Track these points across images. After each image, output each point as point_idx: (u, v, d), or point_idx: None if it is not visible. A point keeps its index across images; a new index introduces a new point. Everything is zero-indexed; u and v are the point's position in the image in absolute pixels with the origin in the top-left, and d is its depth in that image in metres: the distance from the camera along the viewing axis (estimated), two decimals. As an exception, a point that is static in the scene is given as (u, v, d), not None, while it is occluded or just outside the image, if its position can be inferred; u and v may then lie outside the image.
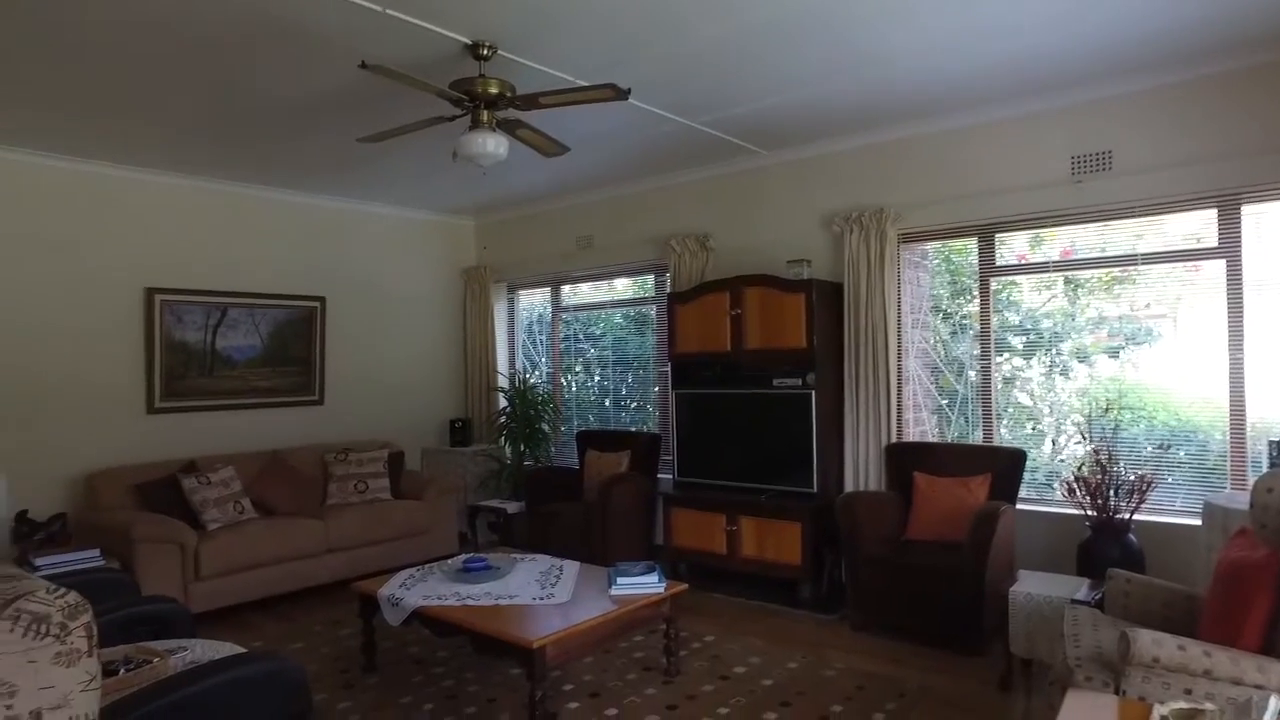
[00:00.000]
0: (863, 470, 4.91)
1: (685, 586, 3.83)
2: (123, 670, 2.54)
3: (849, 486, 4.94)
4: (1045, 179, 4.42)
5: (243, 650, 2.76)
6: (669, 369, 5.72)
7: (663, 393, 6.23)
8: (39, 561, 4.20)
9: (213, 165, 5.43)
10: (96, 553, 4.36)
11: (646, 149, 5.32)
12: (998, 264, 4.71)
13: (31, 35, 3.37)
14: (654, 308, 6.38)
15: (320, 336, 6.32)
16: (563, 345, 7.11)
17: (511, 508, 6.03)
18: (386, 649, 4.20)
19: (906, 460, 4.69)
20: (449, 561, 4.18)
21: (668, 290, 5.90)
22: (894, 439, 4.85)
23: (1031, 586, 3.53)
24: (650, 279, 6.42)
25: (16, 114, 4.29)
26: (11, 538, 4.65)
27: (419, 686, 3.76)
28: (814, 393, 4.84)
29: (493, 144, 3.58)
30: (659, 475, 5.86)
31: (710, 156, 5.52)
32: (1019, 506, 4.35)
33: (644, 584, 3.64)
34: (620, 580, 3.67)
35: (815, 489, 4.84)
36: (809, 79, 4.06)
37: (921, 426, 5.03)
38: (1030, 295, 4.80)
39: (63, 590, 1.48)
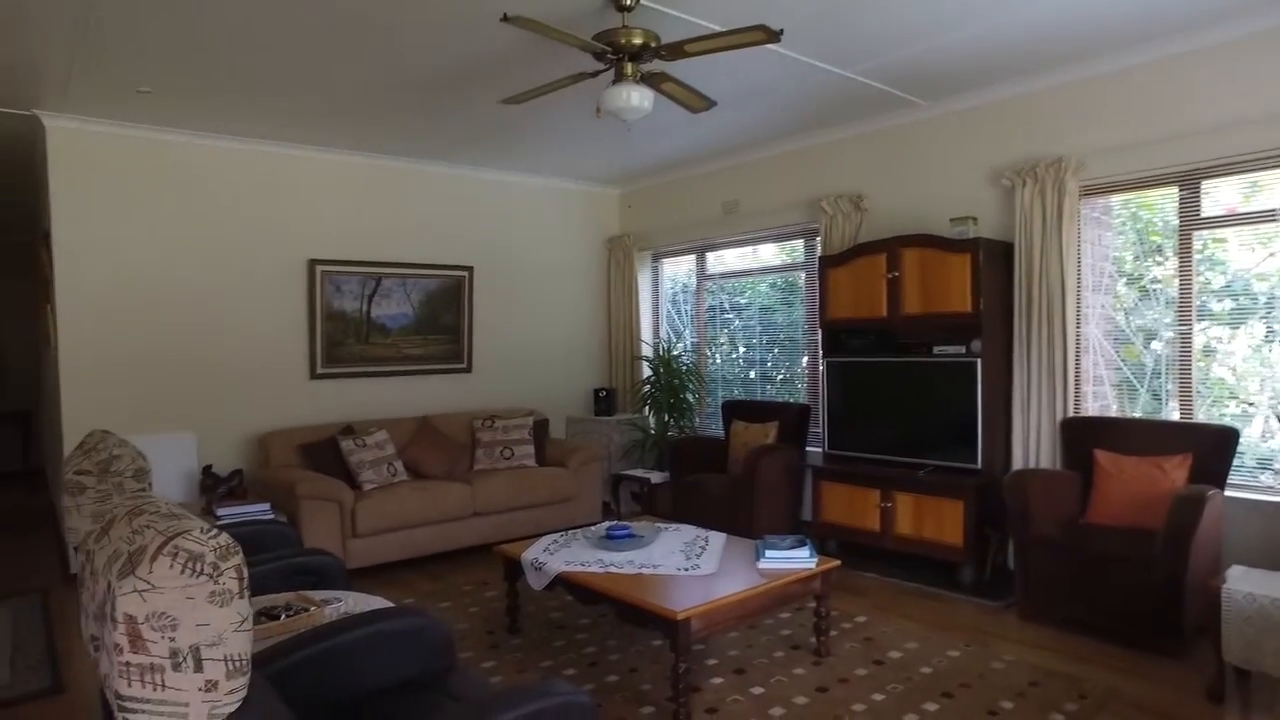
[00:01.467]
0: (1033, 446, 4.47)
1: (838, 563, 3.60)
2: (284, 616, 2.63)
3: (1017, 463, 4.52)
4: (1269, 111, 3.80)
5: (391, 605, 2.80)
6: (819, 337, 5.45)
7: (811, 362, 5.96)
8: (220, 511, 4.50)
9: (367, 140, 5.62)
10: (267, 506, 4.62)
11: (796, 106, 5.04)
12: (1202, 216, 4.13)
13: (205, 24, 3.54)
14: (803, 274, 6.09)
15: (468, 305, 6.46)
16: (707, 315, 6.94)
17: (655, 477, 5.96)
18: (530, 612, 4.23)
19: (1086, 436, 4.22)
20: (592, 528, 4.14)
21: (818, 254, 5.61)
22: (1070, 413, 4.38)
23: (1252, 585, 3.06)
24: (799, 244, 6.14)
25: (194, 100, 4.56)
26: (199, 489, 5.03)
27: (560, 651, 3.75)
28: (979, 361, 4.45)
29: (637, 97, 3.44)
30: (807, 448, 5.62)
31: (864, 111, 5.16)
32: (1227, 493, 3.82)
33: (794, 558, 3.45)
34: (769, 554, 3.49)
35: (979, 465, 4.46)
36: (976, 12, 3.67)
37: (1102, 401, 4.53)
38: (1240, 253, 4.18)
39: (215, 532, 1.47)
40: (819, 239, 5.68)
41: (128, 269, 5.11)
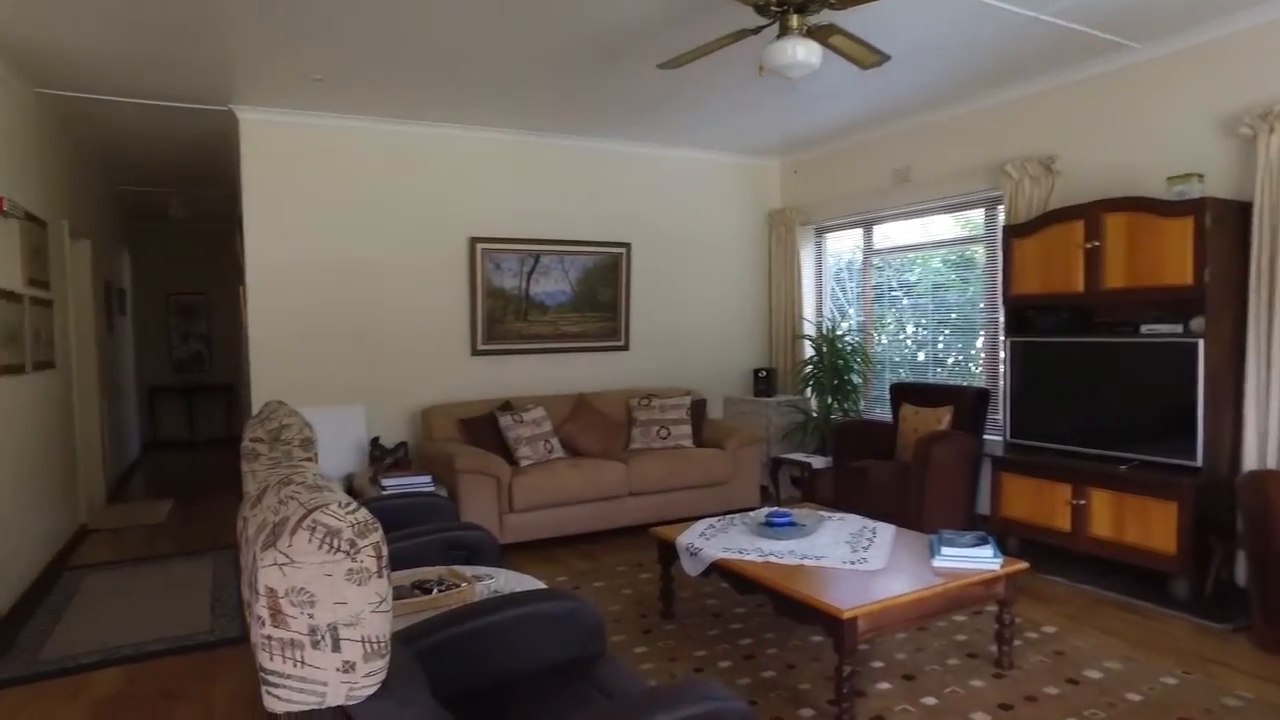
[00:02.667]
0: (1274, 442, 3.82)
1: (1026, 565, 3.21)
2: (435, 590, 2.62)
3: (1250, 462, 3.87)
4: None
5: (543, 586, 2.74)
6: (1000, 315, 4.95)
7: (990, 343, 5.44)
8: (385, 481, 4.67)
9: (526, 119, 5.64)
10: (429, 479, 4.76)
11: (979, 58, 4.56)
12: None
13: (373, 6, 3.62)
14: (981, 247, 5.57)
15: (626, 283, 6.39)
16: (874, 292, 6.53)
17: (817, 462, 5.67)
18: (684, 598, 4.10)
19: (1342, 433, 3.56)
20: (751, 514, 3.94)
21: (1000, 224, 5.09)
22: (1322, 404, 3.71)
23: None
24: (976, 214, 5.61)
25: (362, 85, 4.72)
26: (369, 459, 5.27)
27: (715, 641, 3.59)
28: (1201, 342, 3.85)
29: (803, 52, 3.17)
30: (985, 435, 5.14)
31: (1059, 60, 4.59)
32: None
33: (975, 558, 3.10)
34: (945, 551, 3.16)
35: (1199, 462, 3.87)
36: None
37: (1361, 391, 3.80)
38: None
39: (355, 506, 1.40)
40: (1001, 208, 5.16)
41: (306, 251, 5.41)
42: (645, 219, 6.53)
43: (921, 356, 6.16)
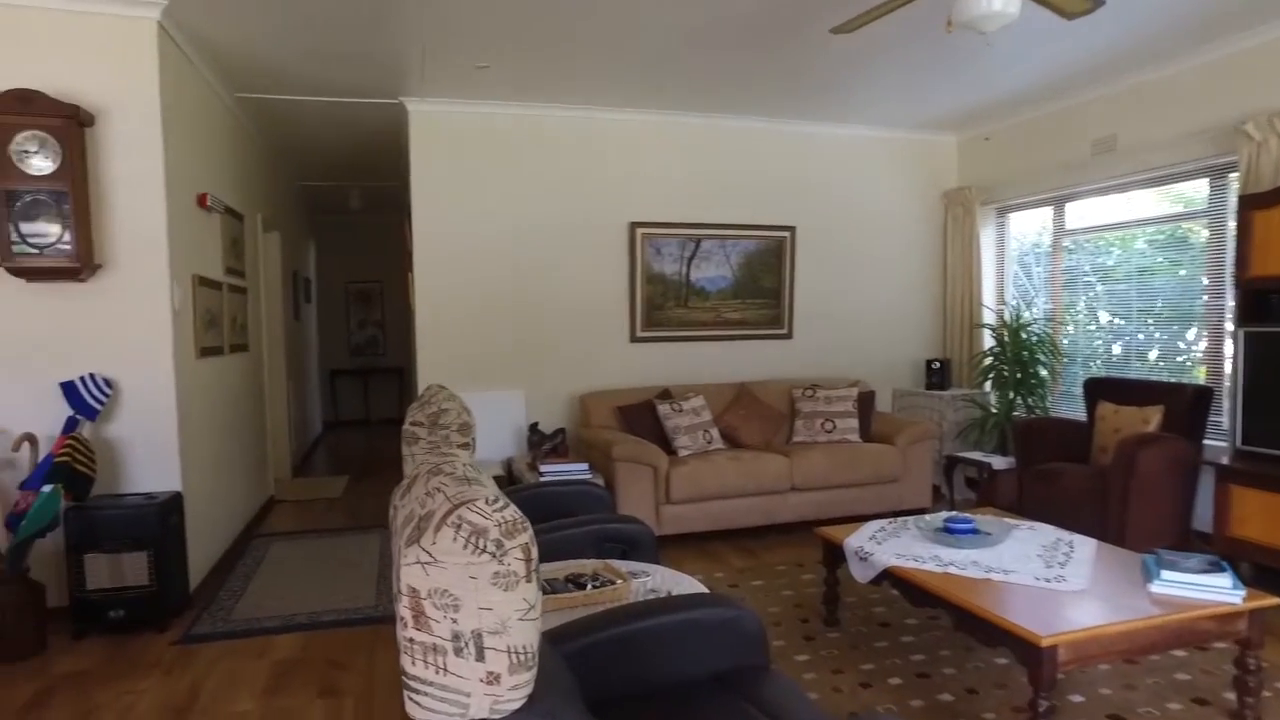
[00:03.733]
0: None
1: (1276, 601, 2.71)
2: (590, 586, 2.52)
3: None
4: None
5: (703, 591, 2.57)
6: (1229, 301, 4.29)
7: (1213, 334, 4.75)
8: (543, 467, 4.68)
9: (688, 99, 5.48)
10: (586, 467, 4.72)
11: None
12: None
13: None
14: (1202, 223, 4.86)
15: (790, 268, 6.11)
16: (1063, 276, 5.89)
17: (997, 463, 5.18)
18: (850, 603, 3.82)
19: None
20: (926, 518, 3.60)
21: (1231, 196, 4.40)
22: None
23: None
24: (1193, 186, 4.90)
25: (525, 71, 4.72)
26: (527, 444, 5.31)
27: (884, 654, 3.30)
28: None
29: (1000, 1, 2.80)
30: (1205, 440, 4.49)
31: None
32: None
33: (1207, 586, 2.64)
34: (1166, 575, 2.71)
35: None
36: None
37: None
38: None
39: (503, 503, 1.27)
40: (1234, 176, 4.46)
41: (470, 238, 5.52)
42: (811, 201, 6.20)
43: (1118, 349, 5.49)
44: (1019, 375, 5.56)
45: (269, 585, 4.33)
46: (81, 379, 3.75)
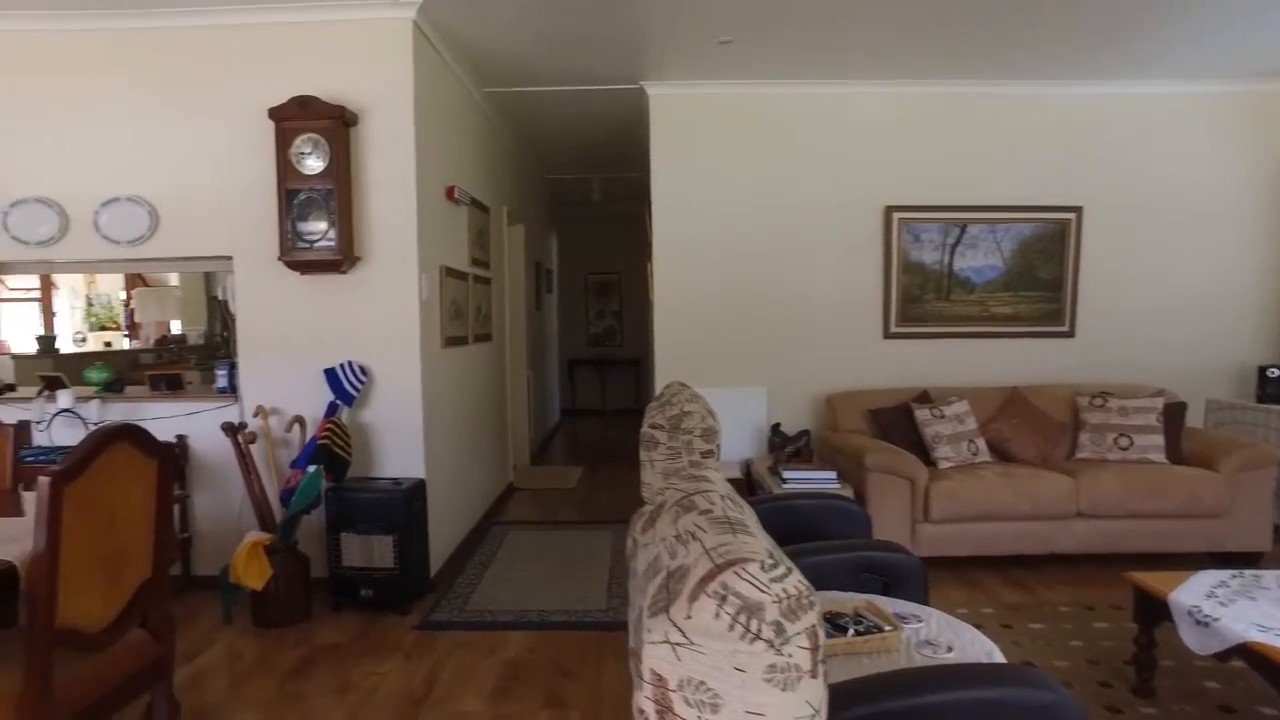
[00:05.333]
0: None
1: None
2: (851, 630, 2.11)
3: None
4: None
5: (990, 646, 2.07)
6: None
7: None
8: (786, 474, 4.29)
9: (949, 64, 4.82)
10: (833, 475, 4.26)
11: None
12: None
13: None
14: None
15: (1074, 254, 5.22)
16: None
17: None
18: (1168, 668, 3.06)
19: None
20: (1286, 573, 2.79)
21: None
22: None
23: None
24: None
25: (769, 44, 4.34)
26: (768, 446, 4.96)
27: (1228, 746, 2.57)
28: None
29: None
30: None
31: None
32: None
33: None
34: None
35: None
36: None
37: None
38: None
39: (782, 568, 0.92)
40: None
41: (711, 226, 5.24)
42: (1102, 175, 5.26)
43: None
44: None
45: (503, 576, 4.33)
46: (341, 366, 3.91)
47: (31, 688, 1.87)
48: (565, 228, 10.79)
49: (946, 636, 2.14)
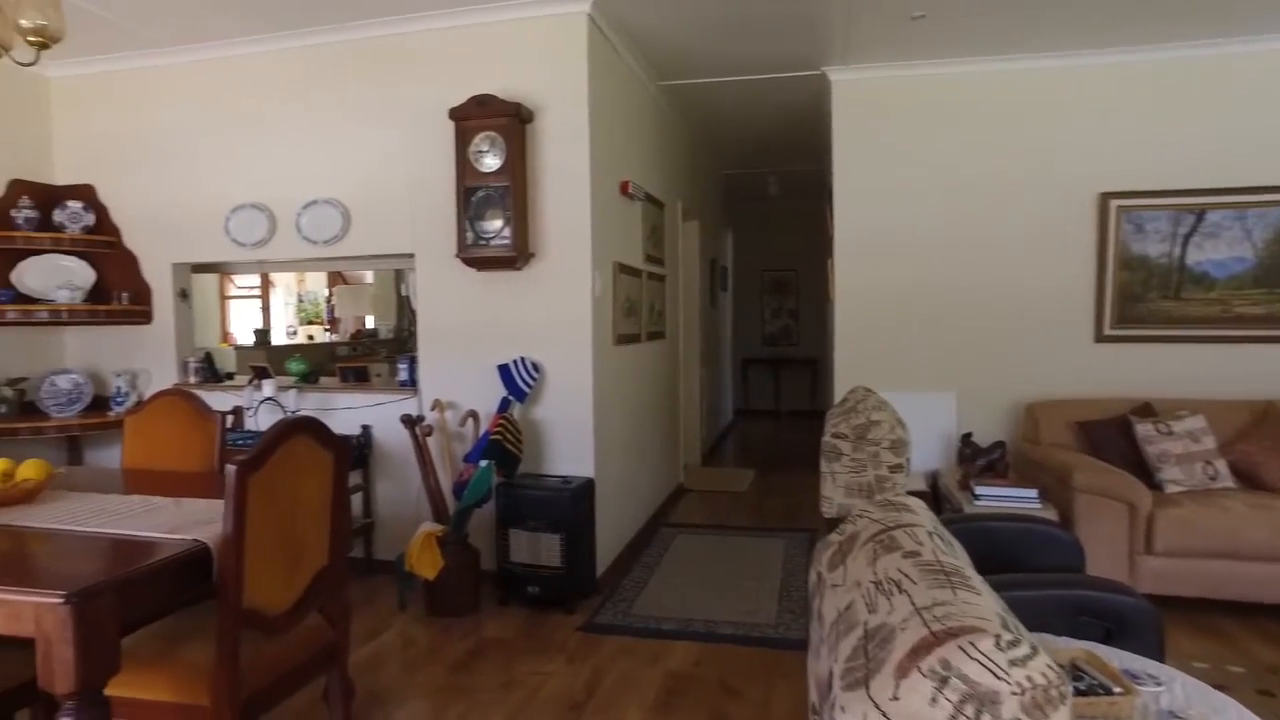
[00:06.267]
0: None
1: None
2: (1070, 688, 1.77)
3: None
4: None
5: (1261, 723, 1.68)
6: None
7: None
8: (978, 489, 3.88)
9: (1175, 23, 4.16)
10: (1034, 494, 3.80)
11: None
12: None
13: None
14: None
15: (1345, 246, 4.40)
16: None
17: None
18: None
19: None
20: None
21: None
22: None
23: None
24: None
25: (967, 14, 3.92)
26: (957, 457, 4.54)
27: None
28: None
29: None
30: None
31: None
32: None
33: None
34: None
35: None
36: None
37: None
38: None
39: (1025, 649, 0.70)
40: None
41: (896, 220, 4.87)
42: (1387, 150, 4.39)
43: None
44: None
45: (669, 581, 4.21)
46: (514, 362, 3.93)
47: (222, 661, 1.94)
48: (741, 224, 10.58)
49: (1199, 710, 1.76)
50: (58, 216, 4.50)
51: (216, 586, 1.96)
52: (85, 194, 4.62)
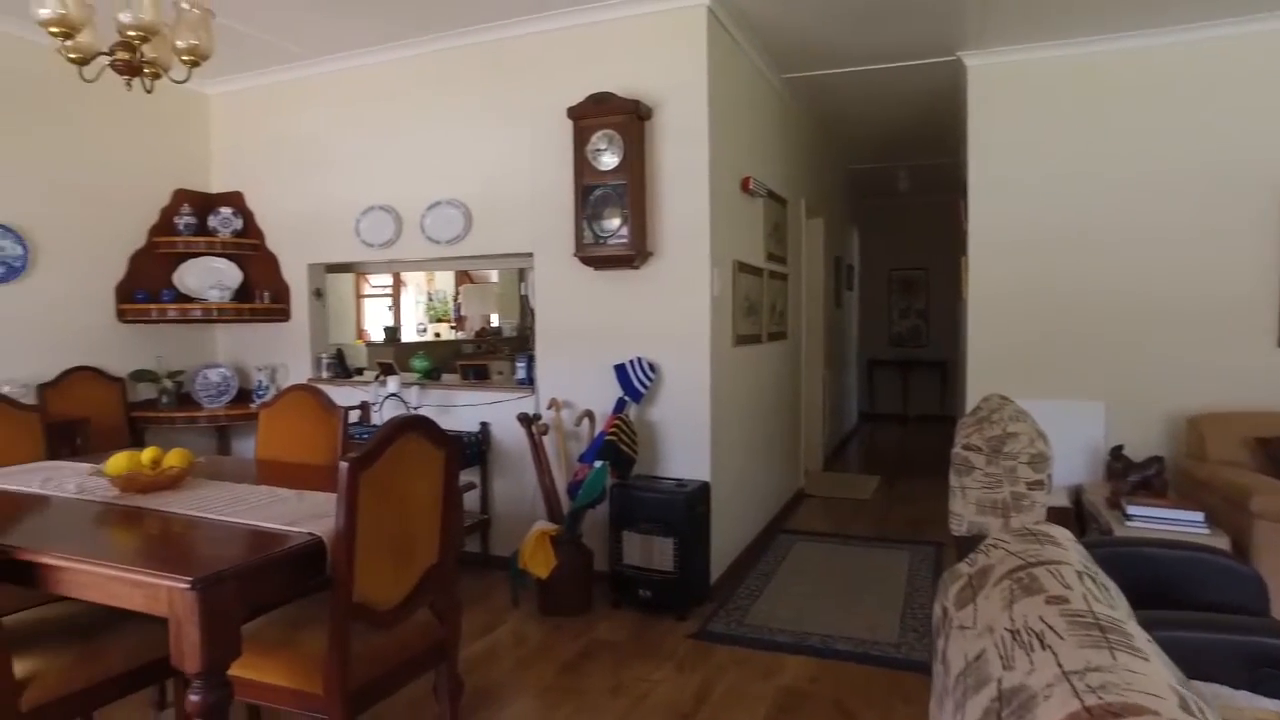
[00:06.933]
0: None
1: None
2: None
3: None
4: None
5: None
6: None
7: None
8: (1131, 509, 3.52)
9: None
10: (1200, 517, 3.41)
11: None
12: None
13: None
14: None
15: None
16: None
17: None
18: None
19: None
20: None
21: None
22: None
23: None
24: None
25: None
26: (1105, 473, 4.17)
27: None
28: None
29: None
30: None
31: None
32: None
33: None
34: None
35: None
36: None
37: None
38: None
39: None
40: None
41: (1037, 214, 4.52)
42: None
43: None
44: None
45: (786, 590, 4.05)
46: (631, 362, 3.89)
47: (334, 651, 1.97)
48: (868, 220, 10.20)
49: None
50: (211, 222, 4.83)
51: (329, 579, 2.00)
52: (235, 200, 4.94)
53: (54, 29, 2.46)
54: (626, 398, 3.86)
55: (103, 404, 4.31)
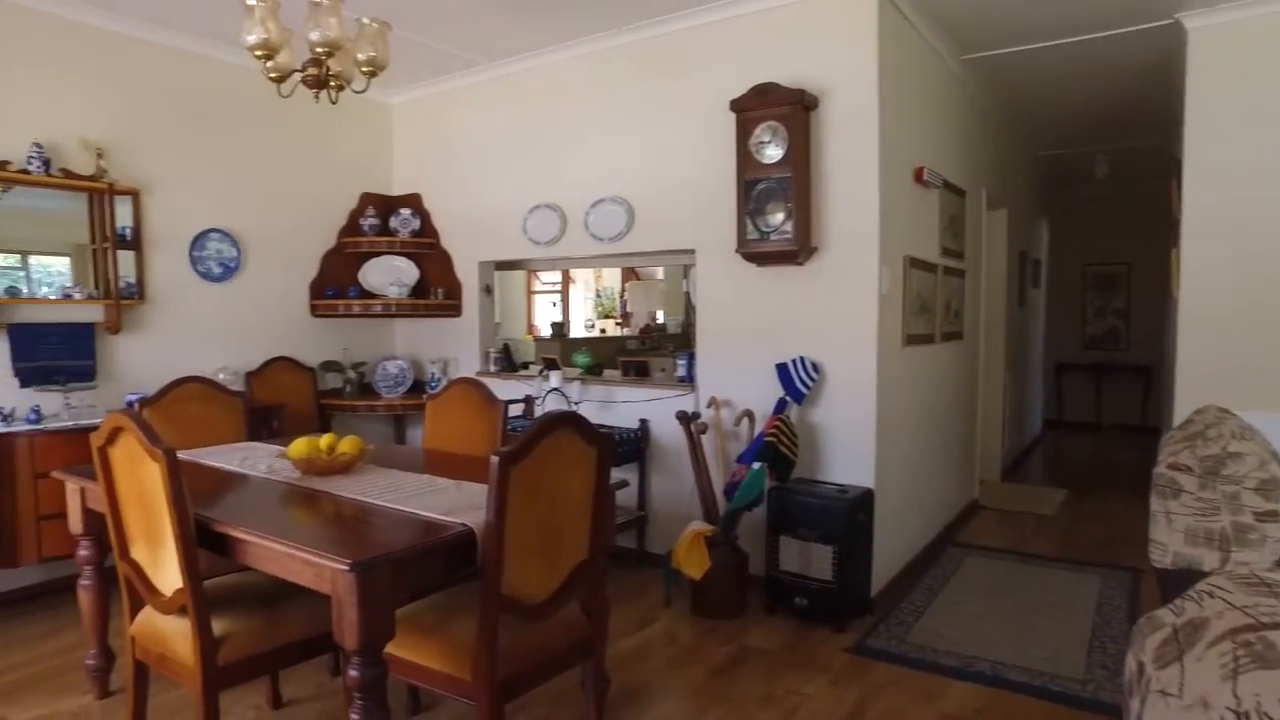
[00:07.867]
0: None
1: None
2: None
3: None
4: None
5: None
6: None
7: None
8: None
9: None
10: None
11: None
12: None
13: None
14: None
15: None
16: None
17: None
18: None
19: None
20: None
21: None
22: None
23: None
24: None
25: None
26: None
27: None
28: None
29: None
30: None
31: None
32: None
33: None
34: None
35: None
36: None
37: None
38: None
39: None
40: None
41: (1271, 194, 3.91)
42: None
43: None
44: None
45: (954, 609, 3.77)
46: (793, 362, 3.76)
47: (483, 641, 2.01)
48: (1059, 212, 9.38)
49: None
50: (392, 222, 5.15)
51: (479, 570, 2.04)
52: (413, 202, 5.24)
53: (259, 52, 2.69)
54: (788, 398, 3.73)
55: (297, 391, 4.71)
